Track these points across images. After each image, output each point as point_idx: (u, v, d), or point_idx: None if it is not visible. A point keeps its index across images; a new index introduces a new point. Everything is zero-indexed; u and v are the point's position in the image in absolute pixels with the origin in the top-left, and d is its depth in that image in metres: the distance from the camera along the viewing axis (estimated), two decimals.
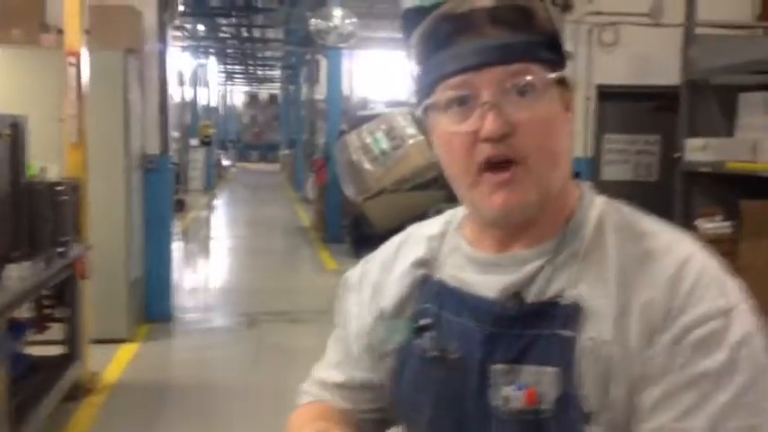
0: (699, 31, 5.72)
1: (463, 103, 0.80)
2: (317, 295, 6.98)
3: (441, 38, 0.80)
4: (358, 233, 8.96)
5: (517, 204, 0.81)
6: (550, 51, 0.80)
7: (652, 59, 6.25)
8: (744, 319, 0.77)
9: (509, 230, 0.86)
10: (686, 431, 0.75)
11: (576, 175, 0.93)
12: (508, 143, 0.79)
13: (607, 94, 6.39)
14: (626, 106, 6.53)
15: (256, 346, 5.25)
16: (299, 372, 4.25)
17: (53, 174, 4.00)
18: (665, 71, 6.14)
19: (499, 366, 0.84)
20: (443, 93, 0.81)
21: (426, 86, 0.83)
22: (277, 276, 8.17)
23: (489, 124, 0.78)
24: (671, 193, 5.81)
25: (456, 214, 0.96)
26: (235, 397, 4.23)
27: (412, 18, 0.82)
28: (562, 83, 0.82)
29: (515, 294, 0.85)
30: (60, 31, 4.56)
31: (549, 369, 0.81)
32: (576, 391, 0.80)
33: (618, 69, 6.26)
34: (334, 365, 1.02)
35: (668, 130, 6.11)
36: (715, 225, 5.19)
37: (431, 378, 0.89)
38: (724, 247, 5.01)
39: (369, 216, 8.33)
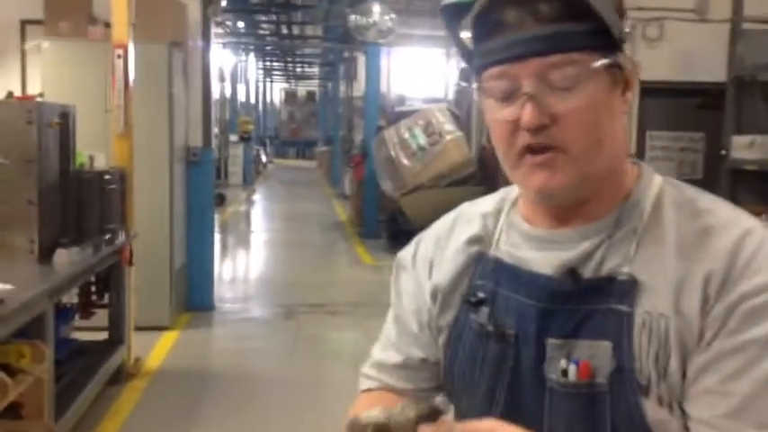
0: (746, 26, 5.61)
1: (506, 90, 0.81)
2: (354, 289, 7.03)
3: (487, 26, 0.80)
4: (394, 228, 8.98)
5: (556, 187, 0.82)
6: (599, 37, 0.78)
7: (697, 55, 6.14)
8: None
9: (562, 208, 0.87)
10: (730, 394, 0.75)
11: None
12: (548, 133, 0.79)
13: (650, 91, 6.29)
14: (670, 103, 6.43)
15: (293, 337, 5.30)
16: (336, 363, 4.35)
17: (100, 163, 4.10)
18: (710, 67, 6.03)
19: (554, 341, 0.85)
20: (488, 80, 0.82)
21: (475, 69, 0.85)
22: (314, 270, 8.24)
23: (527, 116, 0.79)
24: (716, 192, 5.70)
25: (510, 191, 0.97)
26: (272, 386, 4.29)
27: (451, 13, 0.83)
28: (614, 66, 0.81)
29: (571, 270, 0.85)
30: (107, 24, 4.66)
31: (604, 343, 0.82)
32: (630, 365, 0.80)
33: (662, 65, 6.16)
34: (392, 345, 1.02)
35: (713, 128, 6.00)
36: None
37: (487, 352, 0.90)
38: None
39: (405, 211, 8.34)
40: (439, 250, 0.99)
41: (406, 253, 1.05)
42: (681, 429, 0.80)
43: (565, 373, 0.84)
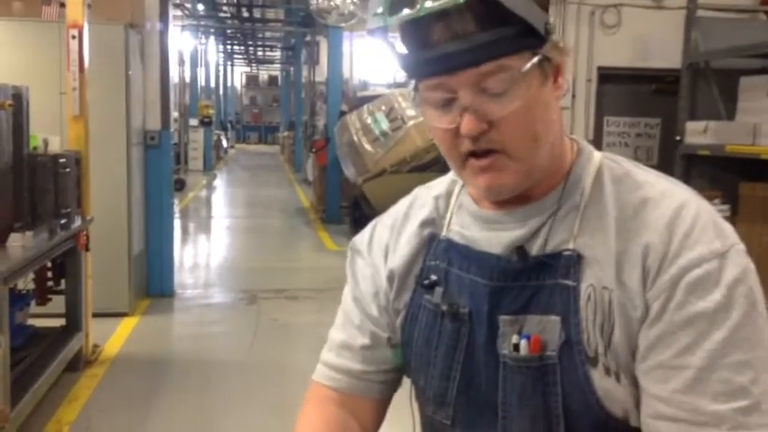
0: (700, 14, 5.73)
1: (444, 99, 0.82)
2: (316, 274, 7.02)
3: (417, 40, 0.80)
4: (357, 214, 8.98)
5: (501, 186, 0.84)
6: (525, 37, 0.78)
7: (653, 42, 6.25)
8: (738, 260, 0.80)
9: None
10: (684, 367, 0.77)
11: None
12: (487, 138, 0.81)
13: (608, 77, 6.40)
14: (627, 89, 6.54)
15: (255, 323, 5.28)
16: (297, 347, 4.36)
17: (55, 146, 4.00)
18: (666, 54, 6.15)
19: (506, 317, 0.88)
20: (425, 90, 0.83)
21: (410, 76, 0.85)
22: (276, 255, 8.20)
23: (466, 125, 0.80)
24: (671, 176, 5.85)
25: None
26: (233, 371, 4.27)
27: (379, 34, 0.82)
28: (544, 60, 0.81)
29: (519, 249, 0.88)
30: (62, 4, 4.56)
31: (553, 317, 0.85)
32: (578, 337, 0.83)
33: (619, 51, 6.27)
34: (356, 327, 1.03)
35: (669, 114, 6.13)
36: (714, 208, 5.22)
37: (443, 331, 0.93)
38: None
39: (368, 197, 8.34)
40: (395, 234, 1.01)
41: (361, 237, 1.07)
42: (627, 397, 0.82)
43: (516, 347, 0.86)
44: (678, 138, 5.70)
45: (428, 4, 0.75)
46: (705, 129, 5.37)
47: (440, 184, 1.01)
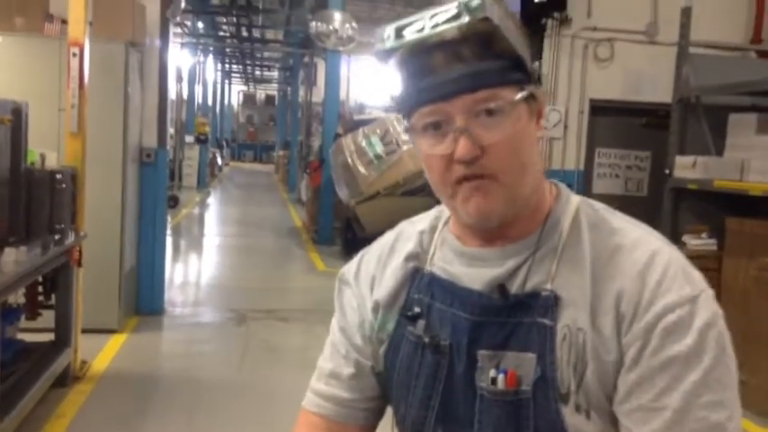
0: (692, 50, 5.83)
1: (437, 127, 0.87)
2: (306, 295, 7.04)
3: (414, 69, 0.86)
4: (350, 235, 9.02)
5: (490, 210, 0.89)
6: (516, 72, 0.85)
7: (645, 76, 6.35)
8: (707, 305, 0.85)
9: (490, 229, 0.94)
10: (663, 409, 0.82)
11: (568, 186, 1.00)
12: (479, 164, 0.86)
13: (600, 109, 6.49)
14: (618, 121, 6.63)
15: (244, 343, 5.29)
16: (286, 368, 4.36)
17: (52, 162, 4.04)
18: (657, 88, 6.25)
19: (485, 352, 0.92)
20: (420, 119, 0.88)
21: (405, 110, 0.91)
22: (267, 275, 8.21)
23: (461, 149, 0.85)
24: (660, 209, 5.91)
25: (444, 210, 1.04)
26: (221, 391, 4.27)
27: (383, 56, 0.88)
28: (530, 97, 0.88)
29: (500, 286, 0.92)
30: (64, 22, 4.61)
31: (530, 354, 0.89)
32: (552, 374, 0.87)
33: (611, 85, 6.37)
34: (342, 357, 1.07)
35: (659, 147, 6.21)
36: (701, 242, 5.29)
37: (423, 362, 0.97)
38: (709, 264, 5.10)
39: (361, 219, 8.39)
40: (381, 267, 1.05)
41: (348, 268, 1.11)
42: None
43: (494, 381, 0.91)
44: (667, 171, 5.77)
45: (434, 30, 0.82)
46: (694, 163, 5.45)
47: (424, 220, 1.06)
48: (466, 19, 0.80)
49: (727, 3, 6.40)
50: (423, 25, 0.83)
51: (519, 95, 0.85)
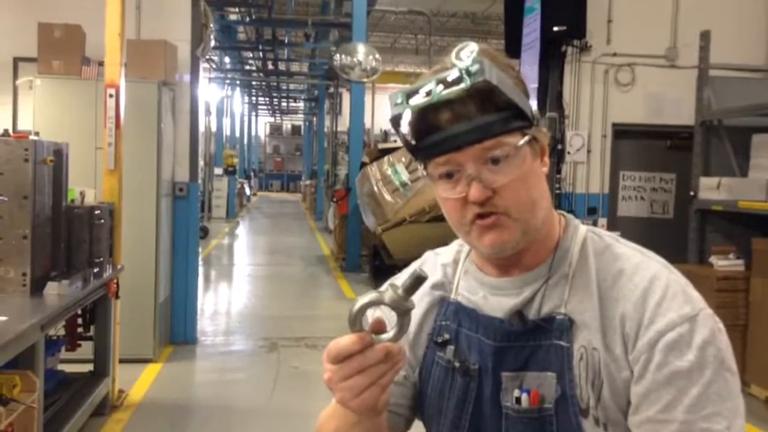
0: (713, 73, 5.87)
1: (451, 175, 0.97)
2: (336, 322, 7.12)
3: (426, 126, 0.96)
4: (377, 263, 9.11)
5: (503, 243, 0.98)
6: (517, 120, 0.94)
7: (667, 100, 6.40)
8: (706, 323, 0.93)
9: (505, 259, 1.04)
10: (669, 422, 0.90)
11: (593, 210, 1.10)
12: (491, 203, 0.95)
13: (623, 132, 6.53)
14: (642, 144, 6.67)
15: (276, 371, 5.38)
16: (317, 395, 4.45)
17: (90, 198, 4.21)
18: (679, 111, 6.29)
19: (508, 373, 1.01)
20: (435, 168, 0.99)
21: (422, 160, 1.02)
22: (297, 303, 8.33)
23: (474, 192, 0.94)
24: (686, 231, 5.92)
25: (465, 243, 1.13)
26: (254, 419, 4.36)
27: (396, 119, 0.99)
28: (533, 140, 0.98)
29: (518, 313, 1.02)
30: (100, 64, 4.82)
31: (549, 374, 0.98)
32: (572, 392, 0.96)
33: (633, 109, 6.41)
34: None
35: (684, 169, 6.23)
36: (728, 262, 5.28)
37: (453, 384, 1.06)
38: (737, 284, 5.11)
39: (388, 246, 8.47)
40: None
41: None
42: None
43: (518, 400, 0.99)
44: (692, 193, 5.79)
45: (440, 94, 0.92)
46: (718, 185, 5.46)
47: (446, 254, 1.17)
48: (468, 83, 0.90)
49: (746, 25, 6.44)
50: (430, 89, 0.93)
51: (521, 141, 0.96)
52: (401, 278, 1.19)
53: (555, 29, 5.81)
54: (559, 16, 5.86)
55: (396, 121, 0.98)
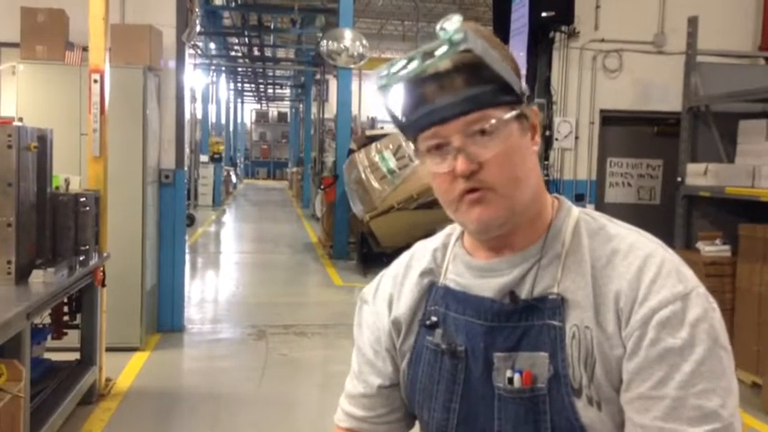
0: (700, 59, 5.88)
1: (439, 148, 0.97)
2: (324, 310, 7.12)
3: (413, 99, 0.96)
4: (365, 250, 9.10)
5: (490, 219, 0.98)
6: (505, 94, 0.95)
7: (654, 86, 6.41)
8: (699, 301, 0.93)
9: (496, 240, 1.03)
10: (661, 398, 0.90)
11: (580, 196, 1.09)
12: (477, 178, 0.95)
13: (610, 119, 6.55)
14: (629, 131, 6.68)
15: (264, 358, 5.37)
16: (305, 382, 4.46)
17: (75, 185, 4.16)
18: (667, 97, 6.31)
19: (500, 354, 1.00)
20: (423, 142, 0.99)
21: (410, 135, 1.01)
22: (284, 291, 8.31)
23: (459, 165, 0.94)
24: (673, 217, 5.95)
25: (456, 227, 1.14)
26: (242, 406, 4.35)
27: (384, 90, 0.99)
28: (522, 116, 0.98)
29: (510, 293, 1.01)
30: (84, 49, 4.75)
31: (542, 354, 0.98)
32: (565, 371, 0.96)
33: (621, 95, 6.43)
34: (356, 376, 1.18)
35: (671, 155, 6.26)
36: (715, 248, 5.32)
37: (442, 367, 1.06)
38: (723, 270, 5.15)
39: (376, 233, 8.47)
40: (398, 285, 1.15)
41: (368, 288, 1.21)
42: (608, 423, 0.95)
43: (510, 380, 0.99)
44: (679, 179, 5.82)
45: (425, 63, 0.92)
46: (705, 171, 5.49)
47: (436, 239, 1.16)
48: (450, 50, 0.89)
49: (734, 11, 6.45)
50: (416, 61, 0.92)
51: (508, 115, 0.95)
52: (389, 271, 1.19)
53: (543, 15, 5.79)
54: (547, 2, 5.85)
55: (383, 93, 0.98)
